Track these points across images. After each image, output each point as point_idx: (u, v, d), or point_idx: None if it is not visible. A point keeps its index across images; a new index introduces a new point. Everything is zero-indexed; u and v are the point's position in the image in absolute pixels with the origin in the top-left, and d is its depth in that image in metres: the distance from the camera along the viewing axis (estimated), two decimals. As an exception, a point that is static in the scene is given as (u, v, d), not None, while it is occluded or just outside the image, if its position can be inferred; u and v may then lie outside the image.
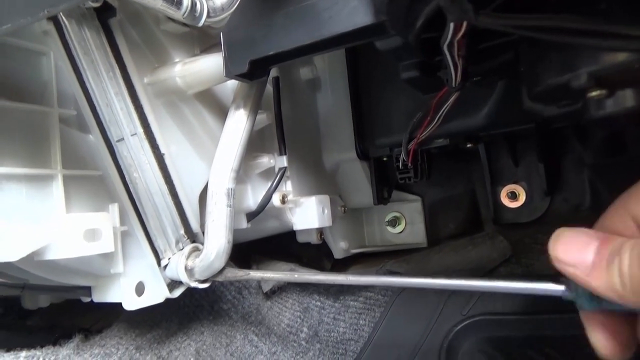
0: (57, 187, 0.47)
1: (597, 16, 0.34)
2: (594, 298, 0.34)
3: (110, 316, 0.75)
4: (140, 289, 0.54)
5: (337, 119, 0.76)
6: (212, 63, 0.53)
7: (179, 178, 0.57)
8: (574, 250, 0.34)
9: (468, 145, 0.71)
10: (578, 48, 0.35)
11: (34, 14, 0.28)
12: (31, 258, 0.45)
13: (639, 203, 0.34)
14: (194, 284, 0.55)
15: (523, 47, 0.43)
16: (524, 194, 0.76)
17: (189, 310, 0.72)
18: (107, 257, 0.51)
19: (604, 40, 0.32)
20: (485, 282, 0.40)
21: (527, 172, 0.75)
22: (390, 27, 0.40)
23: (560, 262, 0.35)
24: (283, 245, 0.87)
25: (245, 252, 0.84)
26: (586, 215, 0.73)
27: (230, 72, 0.49)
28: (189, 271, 0.55)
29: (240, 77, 0.49)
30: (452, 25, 0.34)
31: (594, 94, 0.36)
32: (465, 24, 0.34)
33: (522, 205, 0.76)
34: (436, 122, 0.57)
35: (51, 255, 0.45)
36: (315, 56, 0.75)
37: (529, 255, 0.69)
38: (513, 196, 0.76)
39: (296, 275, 0.54)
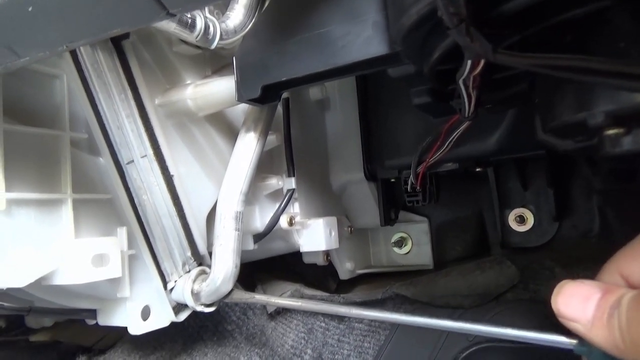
0: (67, 212, 0.47)
1: (615, 55, 0.34)
2: (608, 356, 0.32)
3: (114, 334, 0.74)
4: (146, 313, 0.54)
5: (346, 140, 0.76)
6: (223, 86, 0.53)
7: (187, 199, 0.57)
8: (575, 304, 0.33)
9: (477, 169, 0.71)
10: (595, 85, 0.35)
11: (52, 48, 0.28)
12: (38, 283, 0.44)
13: (627, 260, 0.34)
14: (199, 308, 0.55)
15: (538, 79, 0.43)
16: (532, 218, 0.75)
17: (193, 331, 0.72)
18: (114, 281, 0.50)
19: (623, 80, 0.31)
20: (497, 329, 0.40)
21: (536, 196, 0.75)
22: (405, 57, 0.40)
23: (563, 317, 0.34)
24: (288, 264, 0.86)
25: (250, 270, 0.83)
26: (595, 242, 0.73)
27: (242, 96, 0.48)
28: (196, 295, 0.54)
29: (252, 101, 0.49)
30: (469, 62, 0.34)
31: (610, 132, 0.35)
32: (482, 61, 0.34)
33: (530, 230, 0.76)
34: (446, 147, 0.57)
35: (58, 280, 0.45)
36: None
37: (537, 281, 0.69)
38: (521, 220, 0.76)
39: (300, 303, 0.53)
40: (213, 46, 0.54)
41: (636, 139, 0.36)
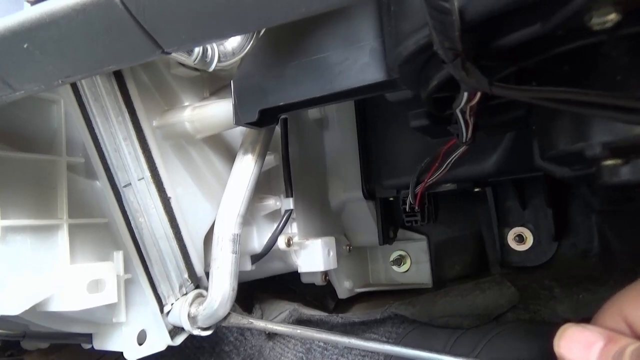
0: (63, 237, 0.47)
1: (613, 88, 0.33)
2: None
3: (111, 355, 0.73)
4: (142, 338, 0.53)
5: (344, 159, 0.76)
6: (221, 109, 0.53)
7: (184, 221, 0.57)
8: (577, 349, 0.33)
9: (476, 190, 0.71)
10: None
11: (48, 83, 0.28)
12: (33, 309, 0.44)
13: (631, 305, 0.34)
14: (196, 332, 0.54)
15: (535, 106, 0.43)
16: (532, 237, 0.75)
17: (189, 352, 0.71)
18: (110, 306, 0.50)
19: (619, 113, 0.31)
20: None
21: (535, 215, 0.75)
22: (402, 83, 0.40)
23: None
24: (286, 283, 0.86)
25: (248, 289, 0.82)
26: (595, 261, 0.72)
27: (239, 120, 0.48)
28: (192, 318, 0.54)
29: (250, 125, 0.49)
30: (465, 94, 0.34)
31: (608, 162, 0.35)
32: (479, 93, 0.34)
33: (529, 249, 0.75)
34: (444, 169, 0.57)
35: (54, 307, 0.44)
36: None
37: (536, 301, 0.68)
38: (520, 239, 0.75)
39: (299, 330, 0.53)
40: (211, 68, 0.55)
41: (635, 169, 0.35)
